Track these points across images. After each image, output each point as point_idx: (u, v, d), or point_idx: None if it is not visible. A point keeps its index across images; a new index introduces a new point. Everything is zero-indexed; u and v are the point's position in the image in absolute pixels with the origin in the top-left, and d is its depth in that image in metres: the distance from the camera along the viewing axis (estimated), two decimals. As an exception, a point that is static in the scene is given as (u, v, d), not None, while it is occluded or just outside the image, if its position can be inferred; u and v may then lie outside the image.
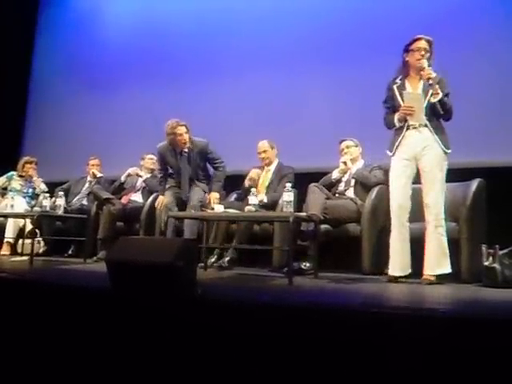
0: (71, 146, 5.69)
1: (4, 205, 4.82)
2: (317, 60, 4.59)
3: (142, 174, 4.66)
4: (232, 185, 4.24)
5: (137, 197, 4.58)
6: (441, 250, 2.77)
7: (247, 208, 3.30)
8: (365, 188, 3.49)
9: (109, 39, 6.00)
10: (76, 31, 6.22)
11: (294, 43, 4.74)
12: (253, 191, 3.39)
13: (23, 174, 5.07)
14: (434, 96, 2.76)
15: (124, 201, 4.48)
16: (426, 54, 2.81)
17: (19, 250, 4.27)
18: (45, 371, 2.01)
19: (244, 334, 1.70)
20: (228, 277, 3.21)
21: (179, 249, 1.95)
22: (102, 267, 2.16)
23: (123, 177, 4.63)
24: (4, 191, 5.09)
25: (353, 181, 3.57)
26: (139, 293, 1.94)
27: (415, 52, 2.82)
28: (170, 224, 3.66)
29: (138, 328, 1.89)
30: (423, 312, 1.72)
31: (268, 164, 4.05)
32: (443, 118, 2.85)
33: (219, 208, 3.40)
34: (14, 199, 4.70)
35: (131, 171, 4.64)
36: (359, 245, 3.30)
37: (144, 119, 5.41)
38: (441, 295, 2.39)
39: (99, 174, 4.92)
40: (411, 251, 2.86)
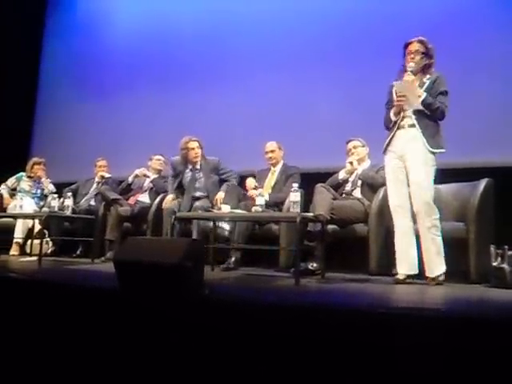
0: (79, 147, 5.73)
1: (13, 205, 4.87)
2: (323, 61, 4.59)
3: (150, 175, 4.68)
4: (238, 185, 4.25)
5: (144, 197, 4.60)
6: (437, 250, 2.73)
7: (254, 208, 3.31)
8: (372, 188, 3.48)
9: (116, 42, 6.03)
10: (83, 34, 6.26)
11: (300, 45, 4.73)
12: (259, 192, 3.39)
13: (32, 175, 5.11)
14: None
15: (131, 201, 4.50)
16: (417, 57, 2.84)
17: (28, 251, 4.30)
18: (53, 370, 2.03)
19: (252, 335, 1.71)
20: (235, 277, 3.21)
21: (187, 249, 1.95)
22: (110, 267, 2.17)
23: (131, 178, 4.65)
24: (13, 192, 5.13)
25: (360, 181, 3.57)
26: (147, 293, 1.94)
27: (407, 56, 2.88)
28: (176, 227, 3.67)
29: (146, 328, 1.89)
30: (430, 313, 1.71)
31: (274, 164, 4.06)
32: (432, 118, 2.80)
33: (226, 208, 3.41)
34: (23, 200, 4.73)
35: (138, 172, 4.66)
36: (366, 245, 3.29)
37: (151, 120, 5.44)
38: (449, 296, 2.38)
39: (107, 175, 4.95)
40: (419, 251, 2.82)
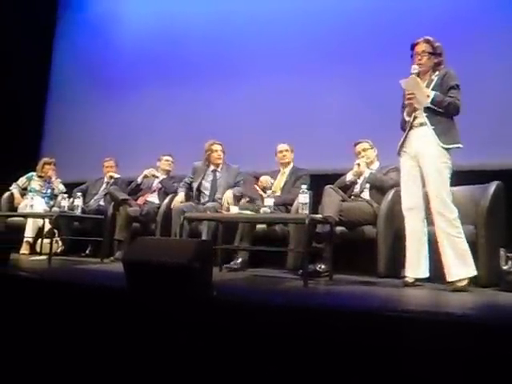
0: (89, 148, 5.76)
1: (24, 205, 4.91)
2: (331, 62, 4.58)
3: (159, 175, 4.70)
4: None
5: (153, 198, 4.61)
6: (460, 253, 2.61)
7: (263, 209, 3.31)
8: (380, 191, 3.47)
9: (125, 43, 6.06)
10: (94, 35, 6.30)
11: (310, 46, 4.73)
12: (268, 193, 3.39)
13: (42, 175, 5.16)
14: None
15: (140, 202, 4.52)
16: (424, 57, 2.82)
17: (38, 250, 4.33)
18: (61, 369, 2.04)
19: (259, 336, 1.71)
20: (243, 278, 3.21)
21: (195, 250, 1.96)
22: (119, 267, 2.19)
23: (140, 178, 4.67)
24: (24, 191, 5.18)
25: (368, 184, 3.56)
26: (155, 293, 1.95)
27: (415, 57, 2.86)
28: (185, 228, 3.69)
29: (154, 328, 1.90)
30: (438, 316, 1.70)
31: (286, 165, 4.06)
32: (445, 115, 2.74)
33: (234, 209, 3.41)
34: (34, 199, 4.78)
35: (147, 172, 4.67)
36: (375, 247, 3.27)
37: (160, 121, 5.47)
38: (457, 300, 2.36)
39: (116, 176, 4.98)
40: (434, 254, 2.74)
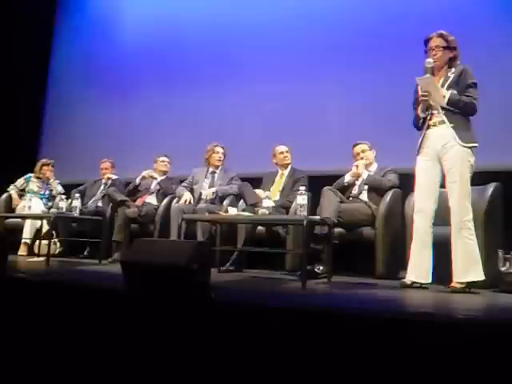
0: (87, 149, 5.76)
1: (22, 206, 4.91)
2: (329, 64, 4.59)
3: (157, 177, 4.70)
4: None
5: (151, 199, 4.61)
6: (468, 255, 2.58)
7: (261, 211, 3.31)
8: (378, 192, 3.47)
9: (124, 43, 6.06)
10: (93, 35, 6.30)
11: (306, 48, 4.73)
12: (267, 194, 3.39)
13: (40, 176, 5.15)
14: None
15: (139, 203, 4.51)
16: (439, 52, 2.78)
17: (36, 251, 4.33)
18: (59, 370, 2.04)
19: (258, 338, 1.71)
20: (241, 279, 3.22)
21: (194, 251, 1.96)
22: (117, 269, 2.19)
23: (138, 179, 4.67)
24: (22, 193, 5.18)
25: (366, 185, 3.56)
26: (153, 294, 1.95)
27: (429, 52, 2.82)
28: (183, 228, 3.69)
29: (152, 329, 1.90)
30: (438, 318, 1.70)
31: (285, 166, 4.07)
32: (462, 115, 2.72)
33: (232, 211, 3.41)
34: (32, 201, 4.76)
35: (146, 174, 4.68)
36: (373, 249, 3.28)
37: (159, 122, 5.47)
38: (456, 301, 2.36)
39: (114, 177, 4.98)
40: (438, 256, 2.72)
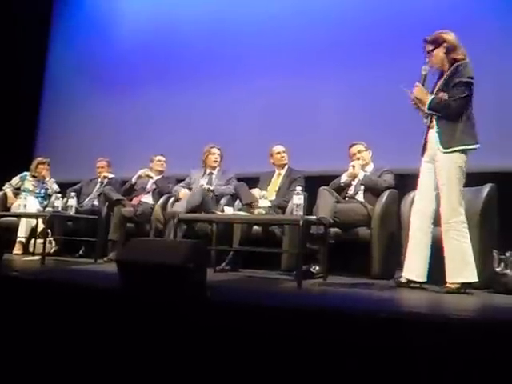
0: (84, 147, 5.75)
1: (17, 205, 4.88)
2: (327, 63, 4.60)
3: (153, 176, 4.69)
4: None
5: (147, 198, 4.60)
6: (457, 256, 2.61)
7: (257, 211, 3.31)
8: (374, 192, 3.48)
9: (122, 40, 6.05)
10: (90, 32, 6.28)
11: (305, 47, 4.74)
12: (263, 194, 3.40)
13: (36, 175, 5.13)
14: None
15: (135, 202, 4.51)
16: (431, 57, 2.78)
17: (31, 250, 4.31)
18: (54, 370, 2.03)
19: (253, 337, 1.71)
20: (237, 279, 3.22)
21: (189, 250, 1.96)
22: (113, 268, 2.18)
23: (134, 178, 4.66)
24: (17, 191, 5.15)
25: (362, 186, 3.56)
26: (149, 294, 1.95)
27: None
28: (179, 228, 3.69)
29: (148, 328, 1.90)
30: (430, 318, 1.71)
31: (282, 166, 4.07)
32: (446, 119, 2.70)
33: (229, 210, 3.41)
34: (27, 199, 4.74)
35: (142, 173, 4.67)
36: (369, 249, 3.28)
37: (155, 121, 5.46)
38: (451, 302, 2.37)
39: (110, 176, 4.97)
40: (434, 256, 2.73)
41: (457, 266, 2.60)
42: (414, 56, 2.92)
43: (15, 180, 5.21)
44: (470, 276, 2.59)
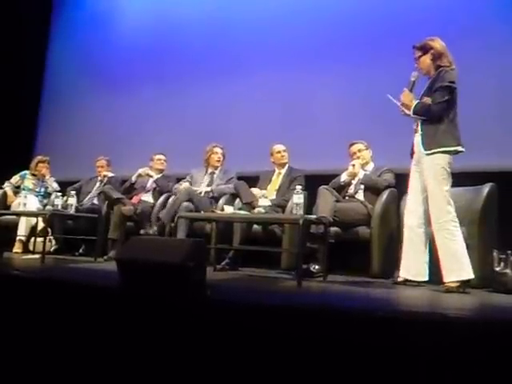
0: (84, 146, 5.75)
1: (17, 203, 4.88)
2: (327, 62, 4.59)
3: (153, 175, 4.70)
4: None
5: (147, 197, 4.60)
6: (449, 255, 2.63)
7: (257, 210, 3.31)
8: (374, 191, 3.48)
9: (122, 40, 6.04)
10: (90, 32, 6.28)
11: (305, 46, 4.74)
12: (263, 193, 3.40)
13: (36, 173, 5.13)
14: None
15: (135, 201, 4.51)
16: (419, 63, 2.85)
17: (31, 248, 4.31)
18: (54, 368, 2.03)
19: (253, 335, 1.71)
20: (237, 278, 3.22)
21: (189, 249, 1.96)
22: (112, 266, 2.18)
23: (134, 177, 4.66)
24: (17, 190, 5.15)
25: (362, 185, 3.56)
26: (149, 292, 1.95)
27: None
28: (182, 224, 3.69)
29: (148, 327, 1.90)
30: (429, 317, 1.71)
31: (283, 165, 4.07)
32: (429, 122, 2.75)
33: (229, 209, 3.41)
34: (27, 198, 4.75)
35: (142, 171, 4.67)
36: (369, 248, 3.29)
37: (155, 120, 5.46)
38: (450, 301, 2.37)
39: (110, 174, 4.97)
40: (434, 255, 2.74)
41: (451, 265, 2.62)
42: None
43: (15, 178, 5.21)
44: (466, 273, 2.61)
